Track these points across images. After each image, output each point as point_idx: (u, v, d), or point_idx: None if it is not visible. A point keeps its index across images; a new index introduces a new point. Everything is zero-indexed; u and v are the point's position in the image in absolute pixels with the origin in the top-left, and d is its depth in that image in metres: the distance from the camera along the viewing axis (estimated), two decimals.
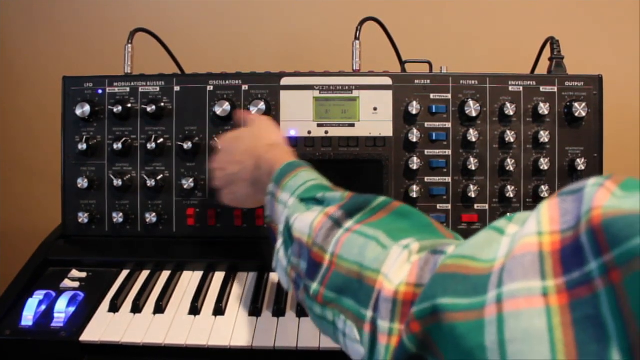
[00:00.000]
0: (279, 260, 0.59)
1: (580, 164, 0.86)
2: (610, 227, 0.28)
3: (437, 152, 0.88)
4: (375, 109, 0.88)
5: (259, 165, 0.69)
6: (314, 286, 0.50)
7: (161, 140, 0.87)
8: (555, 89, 0.87)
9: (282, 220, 0.59)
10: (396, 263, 0.44)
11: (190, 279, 0.83)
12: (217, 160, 0.76)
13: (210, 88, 0.88)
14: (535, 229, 0.33)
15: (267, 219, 0.64)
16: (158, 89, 0.88)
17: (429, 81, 0.88)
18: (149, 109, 0.86)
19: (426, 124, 0.88)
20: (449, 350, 0.34)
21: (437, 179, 0.88)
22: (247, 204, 0.76)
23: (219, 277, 0.83)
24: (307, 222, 0.54)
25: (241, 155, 0.72)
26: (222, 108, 0.86)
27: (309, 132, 0.88)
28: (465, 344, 0.33)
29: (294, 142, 0.87)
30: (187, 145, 0.85)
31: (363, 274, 0.45)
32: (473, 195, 0.86)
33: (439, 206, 0.88)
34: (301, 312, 0.75)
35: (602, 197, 0.30)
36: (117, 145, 0.86)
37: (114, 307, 0.76)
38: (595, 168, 0.87)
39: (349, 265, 0.47)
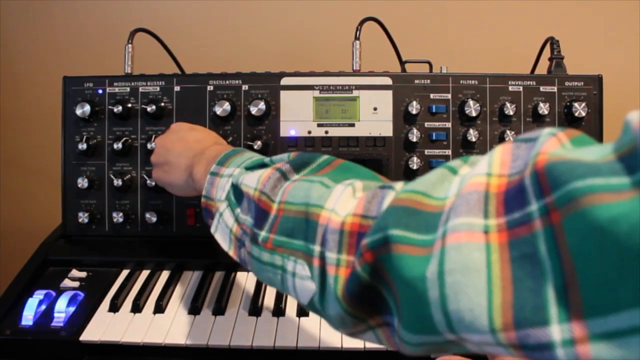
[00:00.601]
0: (221, 222, 0.58)
1: None
2: (552, 171, 0.29)
3: (437, 152, 0.88)
4: (375, 109, 0.88)
5: (203, 152, 0.68)
6: (263, 234, 0.50)
7: None
8: (555, 89, 0.87)
9: (226, 188, 0.59)
10: (340, 198, 0.45)
11: (190, 279, 0.84)
12: (163, 137, 0.76)
13: (210, 88, 0.88)
14: (485, 170, 0.34)
15: (203, 198, 0.63)
16: (158, 89, 0.88)
17: (429, 81, 0.88)
18: (149, 109, 0.86)
19: (426, 124, 0.88)
20: (395, 279, 0.35)
21: None
22: (175, 188, 0.74)
23: (218, 277, 0.84)
24: (254, 177, 0.54)
25: (191, 141, 0.72)
26: (222, 108, 0.86)
27: (309, 132, 0.88)
28: (408, 274, 0.34)
29: (294, 142, 0.88)
30: None
31: (309, 211, 0.46)
32: None
33: None
34: (301, 312, 0.75)
35: (551, 145, 0.31)
36: (117, 145, 0.86)
37: (114, 307, 0.76)
38: None
39: (296, 208, 0.48)
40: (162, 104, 0.88)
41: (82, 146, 0.86)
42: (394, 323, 0.38)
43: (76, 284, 0.81)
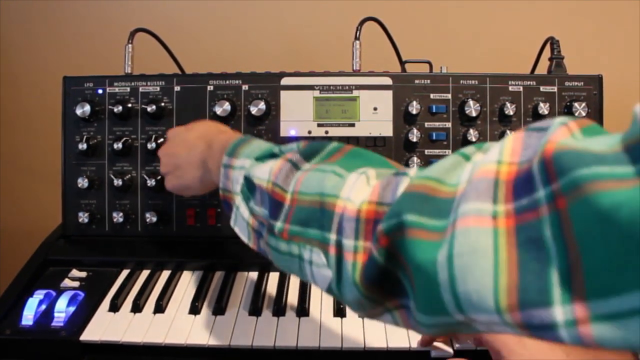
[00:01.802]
0: (239, 215, 0.59)
1: None
2: (559, 158, 0.29)
3: (437, 152, 0.88)
4: (375, 108, 0.88)
5: (210, 145, 0.68)
6: (279, 224, 0.50)
7: (161, 140, 0.87)
8: (555, 89, 0.87)
9: (240, 181, 0.59)
10: (355, 186, 0.45)
11: (190, 279, 0.84)
12: (165, 147, 0.76)
13: (210, 88, 0.88)
14: (495, 158, 0.35)
15: (221, 191, 0.64)
16: (158, 88, 0.88)
17: (429, 81, 0.88)
18: (149, 109, 0.86)
19: (426, 124, 0.88)
20: (409, 263, 0.36)
21: None
22: (193, 188, 0.73)
23: (219, 276, 0.84)
24: (266, 169, 0.55)
25: (193, 140, 0.72)
26: (222, 108, 0.86)
27: (309, 132, 0.88)
28: (421, 258, 0.35)
29: (294, 141, 0.87)
30: None
31: (324, 201, 0.46)
32: None
33: None
34: (301, 312, 0.75)
35: (561, 134, 0.32)
36: (117, 145, 0.86)
37: (114, 307, 0.76)
38: None
39: (310, 198, 0.48)
40: (162, 104, 0.88)
41: (82, 146, 0.86)
42: (410, 305, 0.39)
43: (76, 283, 0.81)
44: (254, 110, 0.86)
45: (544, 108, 0.86)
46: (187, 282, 0.83)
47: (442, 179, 0.38)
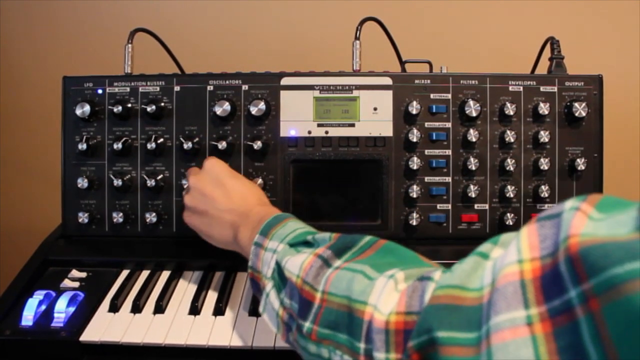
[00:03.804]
0: (269, 303, 0.59)
1: (580, 164, 0.86)
2: (587, 256, 0.28)
3: (437, 152, 0.87)
4: (375, 109, 0.88)
5: (247, 214, 0.69)
6: (307, 324, 0.50)
7: (161, 140, 0.87)
8: (555, 89, 0.87)
9: (271, 266, 0.59)
10: (383, 293, 0.45)
11: (190, 279, 0.83)
12: (201, 179, 0.74)
13: (210, 88, 0.88)
14: (515, 257, 0.34)
15: (250, 269, 0.64)
16: (158, 89, 0.88)
17: (429, 81, 0.88)
18: (149, 109, 0.86)
19: (426, 124, 0.88)
20: None
21: (437, 179, 0.88)
22: (215, 241, 0.74)
23: (219, 277, 0.84)
24: (297, 262, 0.55)
25: (234, 196, 0.72)
26: (222, 108, 0.86)
27: (309, 132, 0.88)
28: None
29: (294, 142, 0.88)
30: (187, 145, 0.85)
31: (352, 306, 0.46)
32: (473, 195, 0.86)
33: (439, 206, 0.87)
34: None
35: (579, 222, 0.31)
36: (117, 145, 0.86)
37: (114, 307, 0.76)
38: (595, 168, 0.87)
39: (338, 300, 0.48)
40: (162, 104, 0.88)
41: (82, 146, 0.86)
42: None
43: (76, 284, 0.81)
44: (254, 110, 0.86)
45: (544, 108, 0.85)
46: (187, 283, 0.83)
47: (464, 285, 0.38)
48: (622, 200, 0.32)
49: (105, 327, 0.73)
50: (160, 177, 0.87)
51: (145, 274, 0.84)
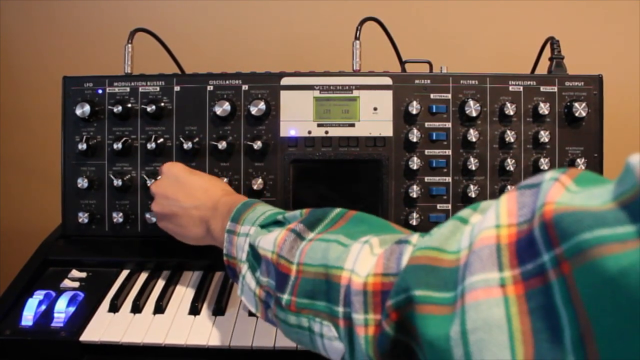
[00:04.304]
0: (245, 285, 0.59)
1: (580, 164, 0.86)
2: (560, 222, 0.29)
3: (437, 152, 0.87)
4: (375, 109, 0.88)
5: (215, 207, 0.69)
6: (285, 297, 0.51)
7: (161, 140, 0.87)
8: (556, 89, 0.87)
9: (245, 249, 0.60)
10: (359, 257, 0.45)
11: (190, 279, 0.83)
12: (161, 184, 0.75)
13: (210, 88, 0.88)
14: (493, 222, 0.34)
15: (225, 257, 0.65)
16: (158, 89, 0.88)
17: (429, 81, 0.88)
18: (149, 109, 0.86)
19: (426, 124, 0.88)
20: (421, 337, 0.36)
21: (437, 179, 0.88)
22: (190, 240, 0.75)
23: (219, 277, 0.84)
24: (270, 239, 0.55)
25: (196, 192, 0.72)
26: (222, 108, 0.86)
27: (309, 132, 0.88)
28: (433, 333, 0.35)
29: (294, 142, 0.88)
30: (187, 145, 0.85)
31: (329, 273, 0.47)
32: (473, 195, 0.86)
33: (439, 206, 0.87)
34: None
35: (556, 192, 0.32)
36: (117, 145, 0.86)
37: (114, 307, 0.76)
38: (596, 168, 0.87)
39: (315, 269, 0.48)
40: (162, 104, 0.88)
41: (82, 146, 0.86)
42: None
43: (76, 284, 0.81)
44: (254, 110, 0.86)
45: (544, 108, 0.85)
46: (187, 283, 0.83)
47: (443, 248, 0.38)
48: (600, 177, 0.33)
49: (105, 327, 0.73)
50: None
51: (145, 274, 0.84)
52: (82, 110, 0.86)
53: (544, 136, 0.86)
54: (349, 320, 0.44)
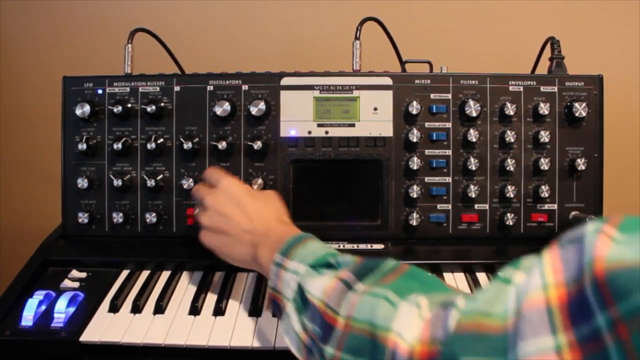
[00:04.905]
0: (290, 325, 0.59)
1: (581, 164, 0.86)
2: (614, 281, 0.28)
3: (437, 152, 0.87)
4: (375, 109, 0.88)
5: (267, 234, 0.69)
6: (330, 350, 0.50)
7: (161, 140, 0.87)
8: (556, 89, 0.87)
9: (292, 287, 0.59)
10: (406, 319, 0.45)
11: (190, 279, 0.83)
12: (217, 199, 0.74)
13: (210, 88, 0.88)
14: (539, 283, 0.33)
15: (270, 289, 0.64)
16: (158, 89, 0.88)
17: (429, 81, 0.88)
18: (149, 109, 0.86)
19: (426, 124, 0.87)
20: None
21: (437, 179, 0.87)
22: (234, 261, 0.74)
23: (219, 277, 0.83)
24: (319, 286, 0.55)
25: (253, 215, 0.72)
26: (222, 108, 0.86)
27: (309, 132, 0.88)
28: None
29: (294, 142, 0.87)
30: (187, 145, 0.85)
31: (375, 333, 0.46)
32: (473, 195, 0.86)
33: (439, 206, 0.87)
34: None
35: (603, 245, 0.30)
36: (117, 145, 0.86)
37: (114, 307, 0.76)
38: (595, 168, 0.87)
39: (361, 326, 0.48)
40: (162, 104, 0.88)
41: (82, 146, 0.86)
42: None
43: (76, 284, 0.80)
44: (254, 110, 0.86)
45: (544, 108, 0.85)
46: (187, 283, 0.83)
47: (488, 312, 0.38)
48: None
49: (105, 327, 0.73)
50: (160, 177, 0.87)
51: (145, 274, 0.84)
52: (82, 110, 0.86)
53: (544, 136, 0.86)
54: None
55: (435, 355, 0.40)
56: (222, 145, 0.85)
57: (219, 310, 0.76)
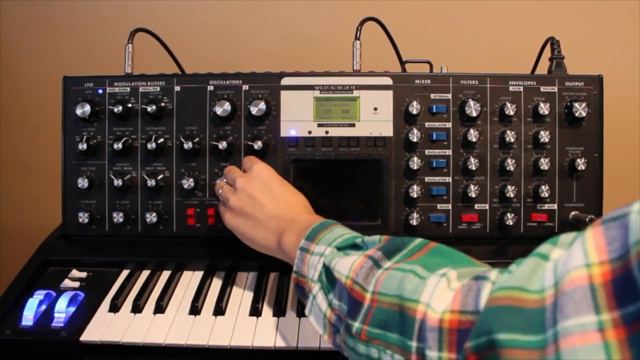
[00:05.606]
0: (315, 305, 0.59)
1: (581, 164, 0.86)
2: None
3: (437, 152, 0.87)
4: (375, 109, 0.88)
5: (293, 220, 0.69)
6: (357, 324, 0.50)
7: (161, 140, 0.87)
8: (556, 89, 0.87)
9: (318, 268, 0.60)
10: (436, 291, 0.44)
11: (190, 279, 0.83)
12: (250, 182, 0.75)
13: (210, 88, 0.88)
14: (582, 261, 0.33)
15: (295, 274, 0.65)
16: (158, 89, 0.88)
17: (429, 81, 0.88)
18: (149, 109, 0.86)
19: (426, 124, 0.88)
20: None
21: (437, 179, 0.88)
22: (257, 246, 0.74)
23: (219, 277, 0.84)
24: (347, 264, 0.55)
25: (283, 202, 0.72)
26: (222, 108, 0.86)
27: (309, 132, 0.88)
28: None
29: (294, 142, 0.88)
30: (188, 145, 0.85)
31: (404, 305, 0.46)
32: (473, 195, 0.86)
33: (439, 206, 0.88)
34: (301, 312, 0.75)
35: None
36: (117, 145, 0.86)
37: (114, 307, 0.76)
38: (595, 168, 0.87)
39: (389, 300, 0.48)
40: (162, 104, 0.88)
41: (82, 146, 0.86)
42: None
43: (76, 284, 0.81)
44: (254, 110, 0.86)
45: (544, 108, 0.85)
46: (187, 282, 0.83)
47: (525, 287, 0.37)
48: None
49: (106, 327, 0.73)
50: (160, 177, 0.87)
51: (145, 274, 0.84)
52: (83, 110, 0.86)
53: (544, 136, 0.86)
54: (421, 356, 0.43)
55: (467, 326, 0.40)
56: (223, 145, 0.85)
57: (219, 310, 0.76)
